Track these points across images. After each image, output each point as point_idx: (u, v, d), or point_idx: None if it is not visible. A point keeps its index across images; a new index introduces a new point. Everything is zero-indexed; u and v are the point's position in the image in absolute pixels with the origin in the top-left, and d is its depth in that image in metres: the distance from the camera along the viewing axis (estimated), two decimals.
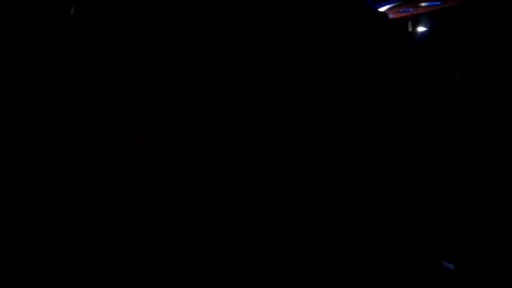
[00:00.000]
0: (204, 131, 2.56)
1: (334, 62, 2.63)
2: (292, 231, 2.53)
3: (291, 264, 2.50)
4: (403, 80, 2.64)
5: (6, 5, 2.41)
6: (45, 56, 2.47)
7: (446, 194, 2.61)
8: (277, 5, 2.56)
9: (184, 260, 2.45)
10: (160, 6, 2.48)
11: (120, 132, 2.51)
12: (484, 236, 2.52)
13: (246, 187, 2.54)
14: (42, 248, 2.40)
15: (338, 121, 2.65)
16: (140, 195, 2.49)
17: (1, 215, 2.39)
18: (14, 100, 2.45)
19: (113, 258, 2.42)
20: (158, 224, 2.46)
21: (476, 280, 2.54)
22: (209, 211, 2.51)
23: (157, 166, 2.51)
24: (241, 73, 2.55)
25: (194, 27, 2.52)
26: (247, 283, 2.45)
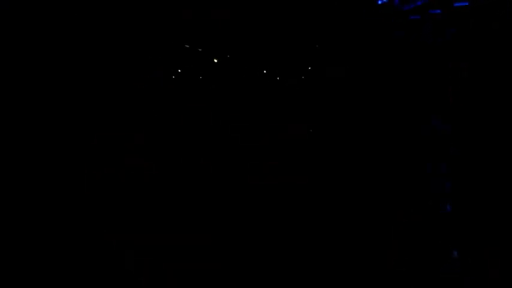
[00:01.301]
0: (204, 131, 2.56)
1: (334, 62, 2.62)
2: (291, 230, 2.53)
3: (291, 263, 2.50)
4: (405, 81, 2.64)
5: (6, 5, 2.41)
6: (45, 56, 2.47)
7: (446, 194, 2.61)
8: (278, 7, 2.56)
9: (185, 260, 2.45)
10: (160, 6, 2.48)
11: (120, 132, 2.51)
12: (484, 236, 2.52)
13: (246, 187, 2.54)
14: (42, 246, 2.39)
15: (338, 121, 2.65)
16: (140, 195, 2.48)
17: (2, 213, 2.39)
18: (14, 100, 2.44)
19: (113, 258, 2.42)
20: (158, 224, 2.46)
21: (476, 280, 2.54)
22: (209, 211, 2.51)
23: (157, 166, 2.51)
24: (241, 73, 2.55)
25: (194, 27, 2.52)
26: (247, 282, 2.45)
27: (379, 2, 2.54)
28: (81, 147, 2.48)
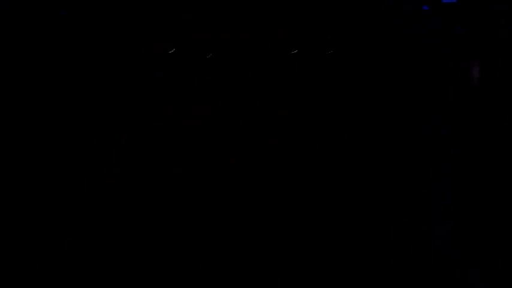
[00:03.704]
0: (206, 131, 2.56)
1: (336, 62, 2.63)
2: (290, 229, 2.53)
3: (289, 262, 2.50)
4: (404, 81, 2.64)
5: (6, 5, 2.41)
6: (45, 56, 2.47)
7: (446, 194, 2.62)
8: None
9: (186, 259, 2.45)
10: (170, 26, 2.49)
11: (121, 133, 2.51)
12: (484, 236, 2.52)
13: (247, 184, 2.54)
14: (42, 245, 2.40)
15: (335, 121, 2.65)
16: (141, 194, 2.48)
17: (3, 213, 2.39)
18: (14, 100, 2.44)
19: (113, 258, 2.42)
20: (161, 223, 2.46)
21: (477, 280, 2.54)
22: (210, 210, 2.51)
23: (159, 166, 2.51)
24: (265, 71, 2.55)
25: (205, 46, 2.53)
26: (248, 281, 2.45)
27: None
28: (81, 147, 2.48)
